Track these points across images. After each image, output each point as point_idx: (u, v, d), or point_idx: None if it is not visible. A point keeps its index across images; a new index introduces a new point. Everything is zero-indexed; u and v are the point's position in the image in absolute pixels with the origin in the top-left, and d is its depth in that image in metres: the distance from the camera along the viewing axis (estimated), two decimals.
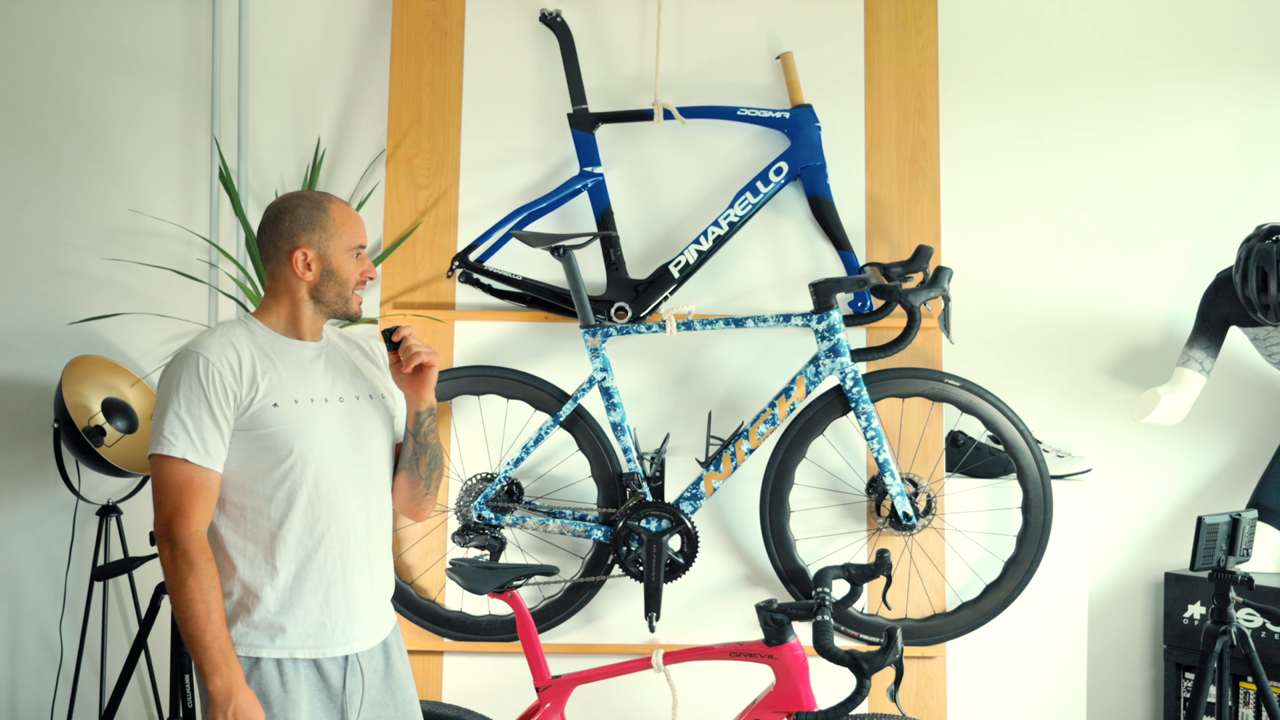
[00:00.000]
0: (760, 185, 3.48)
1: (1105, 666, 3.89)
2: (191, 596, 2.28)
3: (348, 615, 2.41)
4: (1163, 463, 3.92)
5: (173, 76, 3.96)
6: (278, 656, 2.36)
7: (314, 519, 2.39)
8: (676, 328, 3.34)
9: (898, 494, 3.31)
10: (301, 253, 2.43)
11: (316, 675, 2.39)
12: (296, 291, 2.45)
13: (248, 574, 2.36)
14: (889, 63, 3.63)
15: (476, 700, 3.36)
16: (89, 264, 3.94)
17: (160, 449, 2.33)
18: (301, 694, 2.36)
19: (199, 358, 2.35)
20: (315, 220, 2.44)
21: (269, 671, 2.35)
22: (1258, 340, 3.72)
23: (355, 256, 2.46)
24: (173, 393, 2.34)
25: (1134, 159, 3.93)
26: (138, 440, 3.77)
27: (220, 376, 2.34)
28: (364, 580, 2.45)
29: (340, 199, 2.52)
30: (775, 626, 2.78)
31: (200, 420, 2.32)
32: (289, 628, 2.36)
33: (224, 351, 2.37)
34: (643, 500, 3.33)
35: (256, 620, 2.35)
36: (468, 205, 3.61)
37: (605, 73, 3.64)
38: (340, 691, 2.41)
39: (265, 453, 2.37)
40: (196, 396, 2.33)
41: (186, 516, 2.32)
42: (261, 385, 2.37)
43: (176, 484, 2.33)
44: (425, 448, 2.54)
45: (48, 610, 3.95)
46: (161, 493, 2.34)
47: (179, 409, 2.33)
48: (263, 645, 2.35)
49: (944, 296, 3.27)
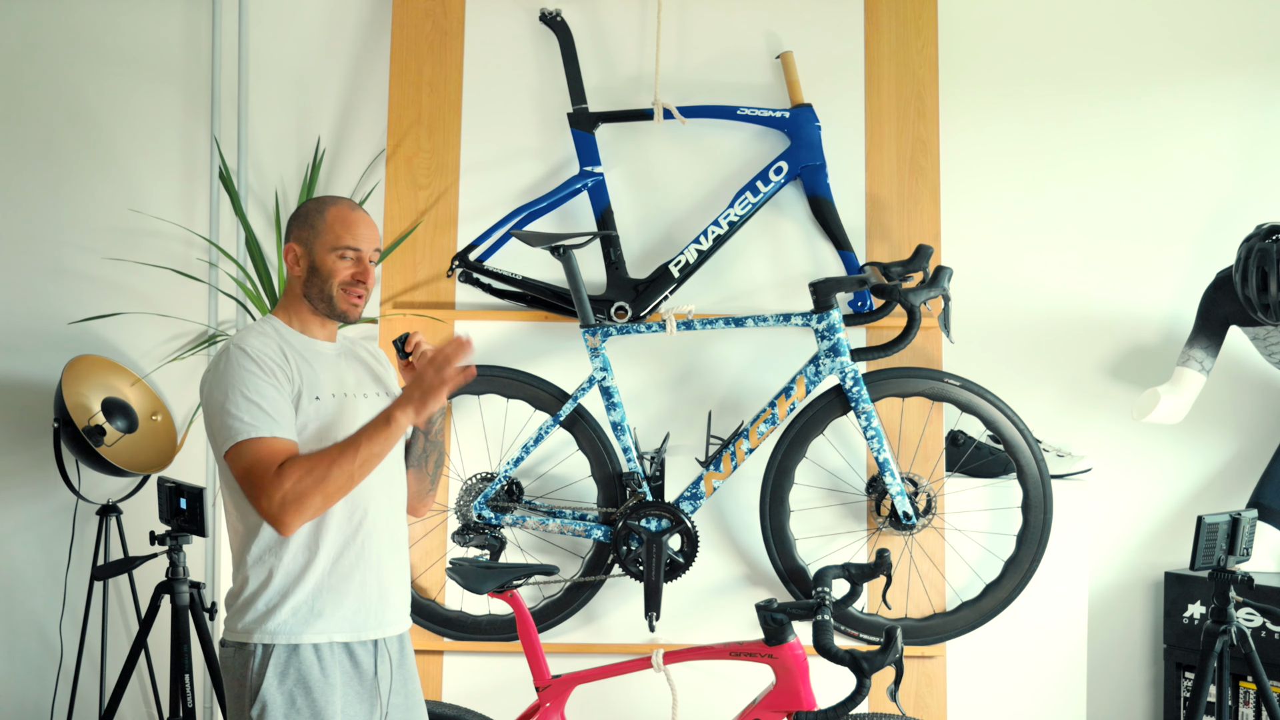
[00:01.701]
0: (760, 185, 3.49)
1: (1105, 666, 3.89)
2: (326, 475, 2.28)
3: (380, 600, 2.46)
4: (1163, 463, 3.92)
5: (173, 76, 3.96)
6: (315, 641, 2.39)
7: (352, 507, 2.43)
8: (676, 327, 3.34)
9: (898, 493, 3.31)
10: (290, 248, 2.50)
11: (349, 660, 2.43)
12: (294, 287, 2.51)
13: (290, 561, 2.39)
14: (889, 63, 3.63)
15: (476, 700, 3.36)
16: (89, 264, 3.94)
17: (241, 436, 2.31)
18: (336, 679, 2.40)
19: (242, 350, 2.37)
20: (309, 219, 2.50)
21: (308, 657, 2.38)
22: (1258, 340, 3.72)
23: (341, 257, 2.47)
24: (229, 385, 2.34)
25: (1134, 158, 3.93)
26: (138, 440, 3.77)
27: (270, 359, 2.38)
28: (394, 566, 2.51)
29: (350, 204, 2.53)
30: (775, 626, 2.78)
31: (267, 398, 2.33)
32: (327, 612, 2.40)
33: (265, 343, 2.41)
34: (643, 500, 3.33)
35: (297, 604, 2.38)
36: (468, 205, 3.61)
37: (605, 72, 3.64)
38: (372, 676, 2.45)
39: (311, 444, 2.39)
40: (254, 378, 2.34)
41: (282, 469, 2.29)
42: (301, 379, 2.42)
43: (267, 455, 2.30)
44: (435, 446, 2.60)
45: (47, 610, 3.95)
46: (256, 472, 2.29)
47: (245, 393, 2.32)
48: (302, 631, 2.38)
49: (944, 296, 3.27)
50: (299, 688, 2.36)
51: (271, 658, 2.36)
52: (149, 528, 3.61)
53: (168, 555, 3.44)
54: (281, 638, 2.37)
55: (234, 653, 2.39)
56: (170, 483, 3.41)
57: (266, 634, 2.37)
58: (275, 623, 2.37)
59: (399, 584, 2.52)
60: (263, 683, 2.35)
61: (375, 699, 2.45)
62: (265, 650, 2.36)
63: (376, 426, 2.33)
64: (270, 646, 2.36)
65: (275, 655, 2.36)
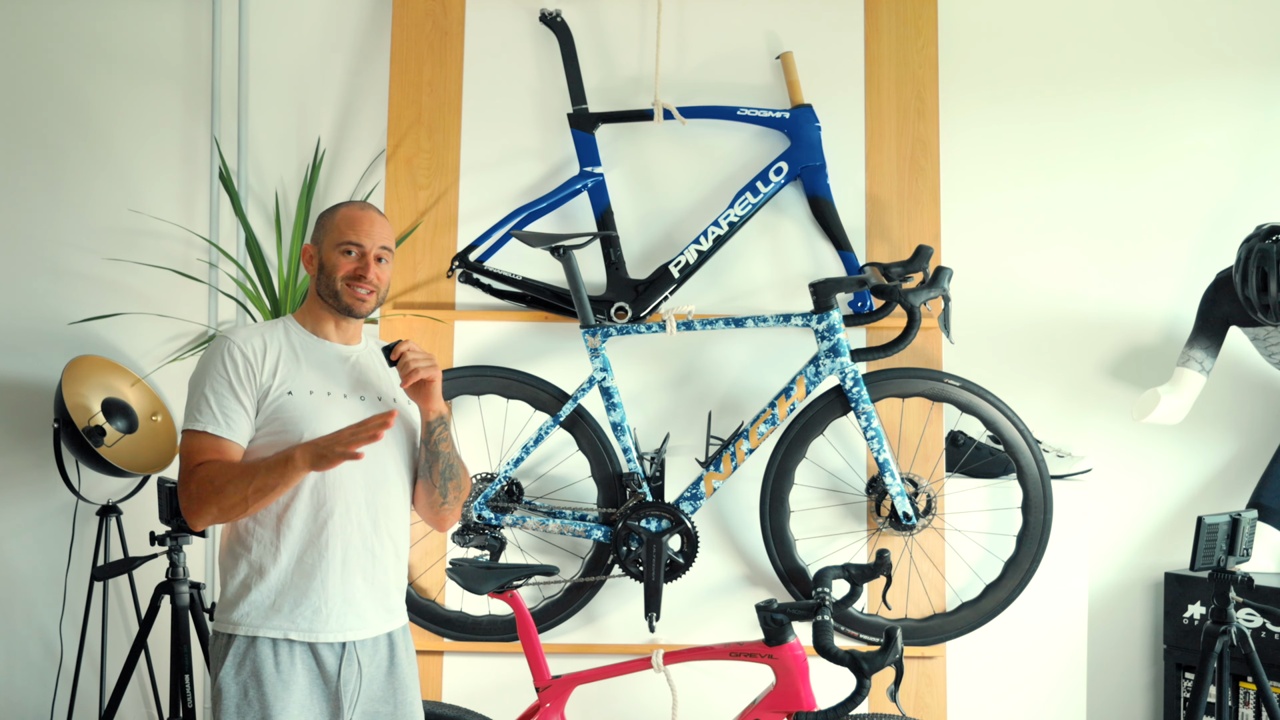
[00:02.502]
0: (760, 185, 3.48)
1: (1105, 666, 3.89)
2: (223, 487, 2.38)
3: (343, 602, 2.46)
4: (1163, 463, 3.92)
5: (173, 76, 3.96)
6: (273, 636, 2.43)
7: (318, 505, 2.46)
8: (676, 328, 3.34)
9: (898, 494, 3.31)
10: (305, 249, 2.61)
11: (313, 660, 2.45)
12: (312, 287, 2.60)
13: (256, 554, 2.45)
14: (889, 63, 3.63)
15: (476, 700, 3.36)
16: (89, 264, 3.94)
17: (188, 425, 2.46)
18: (296, 677, 2.42)
19: (227, 342, 2.49)
20: (322, 222, 2.60)
21: (264, 651, 2.42)
22: (1258, 340, 3.72)
23: (345, 252, 2.53)
24: (202, 376, 2.48)
25: (1134, 159, 3.93)
26: (138, 440, 3.77)
27: (244, 358, 2.47)
28: (364, 571, 2.49)
29: (361, 204, 2.61)
30: (775, 626, 2.78)
31: (223, 397, 2.45)
32: (286, 609, 2.43)
33: (250, 339, 2.50)
34: (643, 500, 3.33)
35: (257, 599, 2.43)
36: (468, 205, 3.61)
37: (605, 73, 3.64)
38: (335, 679, 2.45)
39: (279, 437, 2.45)
40: (220, 376, 2.46)
41: (198, 468, 2.43)
42: (279, 374, 2.48)
43: (197, 449, 2.44)
44: (437, 456, 2.57)
45: (47, 610, 3.95)
46: (184, 460, 2.45)
47: (205, 388, 2.46)
48: (260, 625, 2.43)
49: (944, 296, 3.27)
50: (252, 680, 2.41)
51: (231, 647, 2.42)
52: (149, 528, 3.61)
53: (167, 555, 3.44)
54: (242, 629, 2.43)
55: (213, 640, 2.49)
56: (170, 483, 3.41)
57: (229, 624, 2.44)
58: (238, 613, 2.43)
59: (369, 589, 2.49)
60: (221, 670, 2.42)
61: (338, 702, 2.44)
62: (228, 640, 2.43)
63: (276, 461, 2.38)
64: (232, 636, 2.43)
65: (235, 645, 2.42)
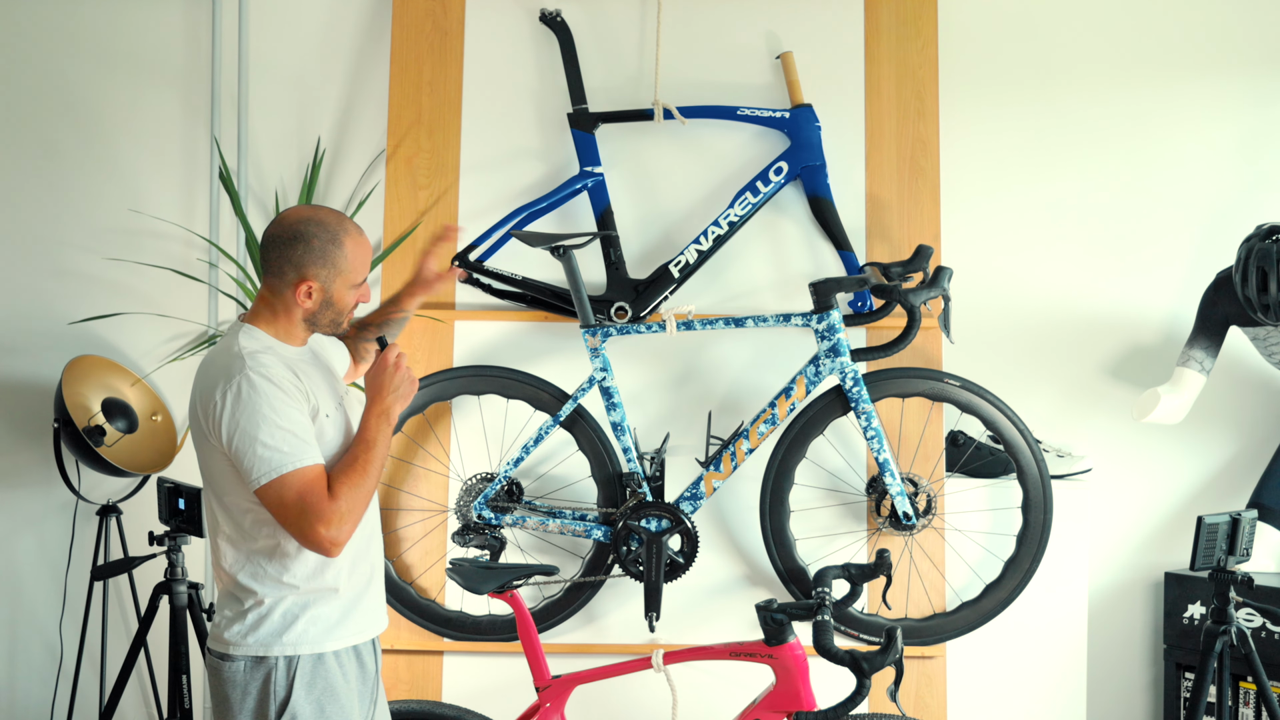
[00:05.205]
0: (760, 185, 3.48)
1: (1105, 666, 3.89)
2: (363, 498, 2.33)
3: (379, 597, 2.53)
4: (1163, 463, 3.92)
5: (173, 76, 3.96)
6: (336, 649, 2.41)
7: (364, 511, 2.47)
8: (676, 327, 3.34)
9: (898, 494, 3.31)
10: (307, 285, 2.41)
11: (357, 661, 2.46)
12: (292, 312, 2.45)
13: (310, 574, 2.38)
14: (889, 63, 3.63)
15: (476, 700, 3.36)
16: (89, 264, 3.94)
17: (285, 468, 2.28)
18: (352, 681, 2.44)
19: (264, 378, 2.32)
20: (328, 256, 2.41)
21: (331, 665, 2.40)
22: (1258, 340, 3.72)
23: (357, 288, 2.48)
24: (259, 416, 2.28)
25: (1134, 158, 3.93)
26: (138, 440, 3.77)
27: (288, 381, 2.35)
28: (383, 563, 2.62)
29: (356, 227, 2.47)
30: (775, 626, 2.78)
31: (297, 423, 2.32)
32: (348, 619, 2.43)
33: (275, 363, 2.36)
34: (643, 500, 3.33)
35: (320, 614, 2.38)
36: (468, 205, 3.61)
37: (605, 72, 3.64)
38: (373, 674, 2.51)
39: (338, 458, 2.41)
40: (283, 405, 2.31)
41: (324, 517, 2.29)
42: (314, 395, 2.41)
43: (316, 487, 2.29)
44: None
45: (48, 610, 3.95)
46: (312, 503, 2.28)
47: (279, 422, 2.29)
48: (322, 640, 2.39)
49: (944, 296, 3.27)
50: (327, 695, 2.38)
51: (298, 669, 2.35)
52: (148, 528, 3.61)
53: (166, 555, 3.44)
54: (305, 648, 2.37)
55: (245, 666, 2.35)
56: (169, 483, 3.42)
57: (289, 645, 2.36)
58: (295, 634, 2.36)
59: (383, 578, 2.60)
60: (291, 695, 2.34)
61: (374, 693, 2.51)
62: (289, 662, 2.35)
63: (381, 426, 2.37)
64: (294, 658, 2.36)
65: (300, 666, 2.36)
